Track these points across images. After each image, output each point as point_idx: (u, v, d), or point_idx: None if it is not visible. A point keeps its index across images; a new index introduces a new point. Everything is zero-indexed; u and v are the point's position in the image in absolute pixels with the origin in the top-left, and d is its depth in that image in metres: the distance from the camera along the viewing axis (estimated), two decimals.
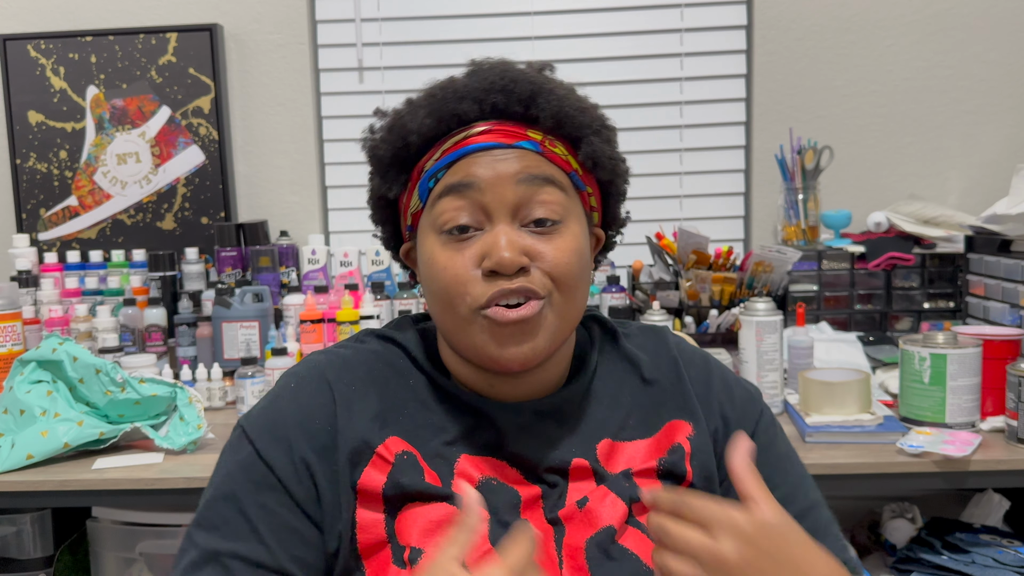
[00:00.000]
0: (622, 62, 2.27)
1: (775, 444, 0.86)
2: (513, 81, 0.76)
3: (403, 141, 0.78)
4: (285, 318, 1.96)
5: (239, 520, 0.74)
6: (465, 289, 0.74)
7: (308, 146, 2.29)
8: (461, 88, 0.77)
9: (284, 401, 0.79)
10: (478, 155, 0.75)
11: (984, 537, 1.53)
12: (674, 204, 2.29)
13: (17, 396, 1.47)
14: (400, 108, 0.80)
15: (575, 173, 0.79)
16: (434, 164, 0.77)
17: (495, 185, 0.74)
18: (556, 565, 0.74)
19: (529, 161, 0.75)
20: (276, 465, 0.75)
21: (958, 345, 1.45)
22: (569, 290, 0.76)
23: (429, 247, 0.77)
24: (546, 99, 0.76)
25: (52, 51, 2.22)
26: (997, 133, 2.21)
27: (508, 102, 0.76)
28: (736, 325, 1.74)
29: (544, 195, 0.75)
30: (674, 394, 0.84)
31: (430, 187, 0.77)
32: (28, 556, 1.64)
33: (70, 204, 2.26)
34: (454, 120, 0.76)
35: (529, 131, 0.76)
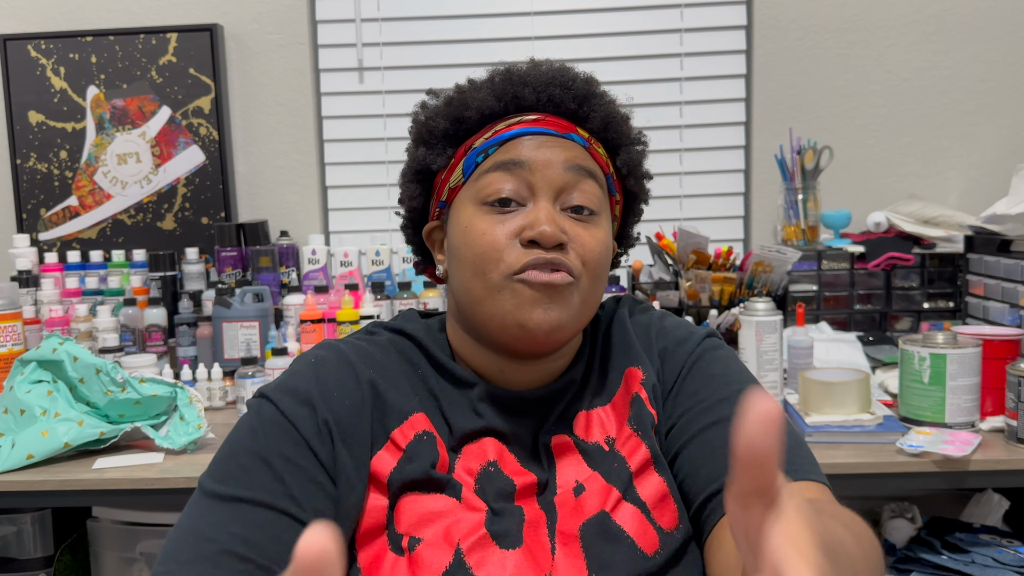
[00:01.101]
0: (622, 62, 2.27)
1: (708, 366, 0.83)
2: (572, 80, 0.81)
3: (461, 115, 0.81)
4: (285, 318, 1.96)
5: (263, 471, 0.71)
6: (501, 255, 0.77)
7: (308, 146, 2.29)
8: (524, 75, 0.81)
9: (306, 374, 0.77)
10: (530, 138, 0.79)
11: (984, 537, 1.53)
12: (674, 204, 2.29)
13: (17, 396, 1.47)
14: (462, 85, 0.84)
15: (611, 176, 0.84)
16: (484, 142, 0.81)
17: (544, 167, 0.78)
18: (548, 551, 0.75)
19: (577, 152, 0.80)
20: (300, 424, 0.73)
21: (958, 345, 1.45)
22: (595, 278, 0.80)
23: (467, 215, 0.80)
24: (598, 102, 0.82)
25: (52, 51, 2.22)
26: (997, 133, 2.21)
27: (564, 97, 0.81)
28: (736, 325, 1.74)
29: (586, 186, 0.80)
30: (623, 347, 0.87)
31: (477, 162, 0.80)
32: (28, 556, 1.64)
33: (70, 204, 2.26)
34: (512, 103, 0.81)
35: (578, 128, 0.82)
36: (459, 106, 0.81)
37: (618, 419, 0.83)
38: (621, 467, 0.79)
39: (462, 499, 0.75)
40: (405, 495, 0.75)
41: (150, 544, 1.62)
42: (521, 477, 0.78)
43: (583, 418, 0.83)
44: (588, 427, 0.83)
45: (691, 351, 0.84)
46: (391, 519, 0.75)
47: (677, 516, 0.78)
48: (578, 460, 0.81)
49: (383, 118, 2.32)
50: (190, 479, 1.38)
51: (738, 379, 0.81)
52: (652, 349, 0.86)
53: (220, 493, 0.70)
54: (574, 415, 0.83)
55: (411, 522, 0.74)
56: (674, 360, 0.84)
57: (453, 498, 0.75)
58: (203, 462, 1.43)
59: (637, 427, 0.82)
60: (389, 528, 0.75)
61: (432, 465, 0.76)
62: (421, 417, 0.78)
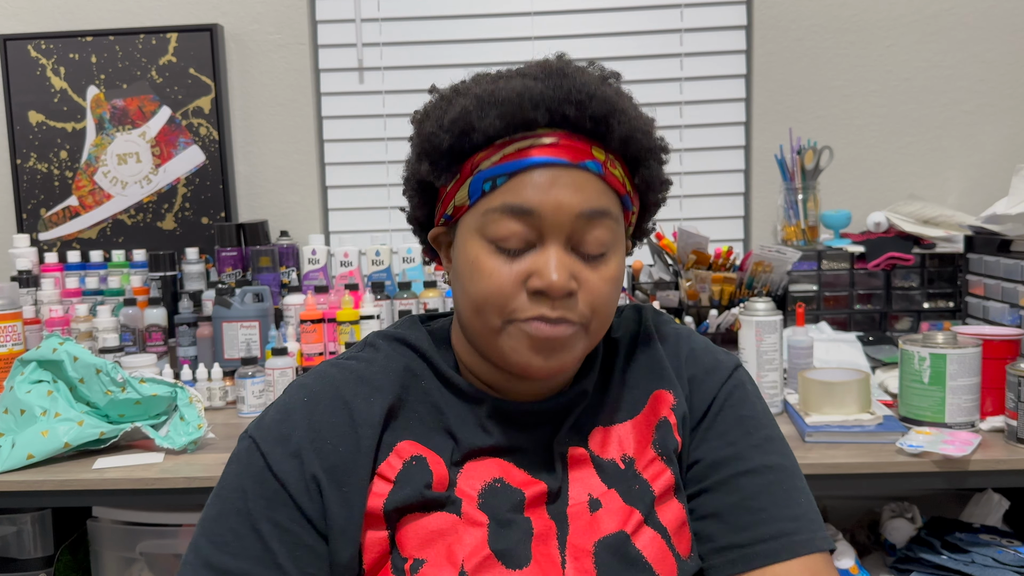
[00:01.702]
0: (622, 62, 2.27)
1: (739, 406, 0.83)
2: (589, 97, 0.74)
3: (466, 136, 0.75)
4: (285, 318, 1.96)
5: (252, 539, 0.72)
6: (506, 302, 0.73)
7: (308, 146, 2.29)
8: (537, 95, 0.73)
9: (297, 416, 0.77)
10: (540, 172, 0.73)
11: (984, 537, 1.53)
12: (674, 204, 2.29)
13: (17, 396, 1.47)
14: (466, 102, 0.75)
15: (628, 196, 0.78)
16: (492, 167, 0.74)
17: (555, 213, 0.73)
18: (559, 564, 0.74)
19: (590, 192, 0.74)
20: (288, 480, 0.73)
21: (958, 345, 1.45)
22: (604, 317, 0.77)
23: (474, 250, 0.75)
24: (618, 120, 0.75)
25: (52, 51, 2.22)
26: (997, 133, 2.21)
27: (579, 116, 0.74)
28: (736, 325, 1.74)
29: (599, 229, 0.74)
30: (652, 366, 0.85)
31: (484, 189, 0.74)
32: (28, 556, 1.64)
33: (70, 204, 2.26)
34: (522, 125, 0.74)
35: (594, 148, 0.75)
36: (463, 126, 0.75)
37: (639, 439, 0.81)
38: (644, 490, 0.78)
39: (462, 514, 0.74)
40: (404, 519, 0.74)
41: (150, 544, 1.62)
42: (531, 487, 0.77)
43: (600, 433, 0.81)
44: (605, 443, 0.81)
45: (721, 384, 0.84)
46: (394, 545, 0.74)
47: (691, 545, 0.78)
48: (592, 475, 0.79)
49: (383, 118, 2.32)
50: (190, 479, 1.38)
51: (767, 422, 0.83)
52: (682, 375, 0.84)
53: (213, 563, 0.72)
54: (591, 429, 0.82)
55: (414, 544, 0.73)
56: (703, 391, 0.83)
57: (453, 514, 0.74)
58: (203, 462, 1.43)
59: (661, 451, 0.80)
60: (393, 554, 0.74)
61: (427, 486, 0.74)
62: (406, 444, 0.77)
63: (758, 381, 1.57)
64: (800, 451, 1.39)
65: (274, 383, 1.69)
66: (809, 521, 0.77)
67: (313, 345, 1.84)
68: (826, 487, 1.51)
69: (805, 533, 0.76)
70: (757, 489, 0.77)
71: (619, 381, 0.84)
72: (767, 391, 1.57)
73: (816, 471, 1.35)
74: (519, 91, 0.73)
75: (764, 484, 0.78)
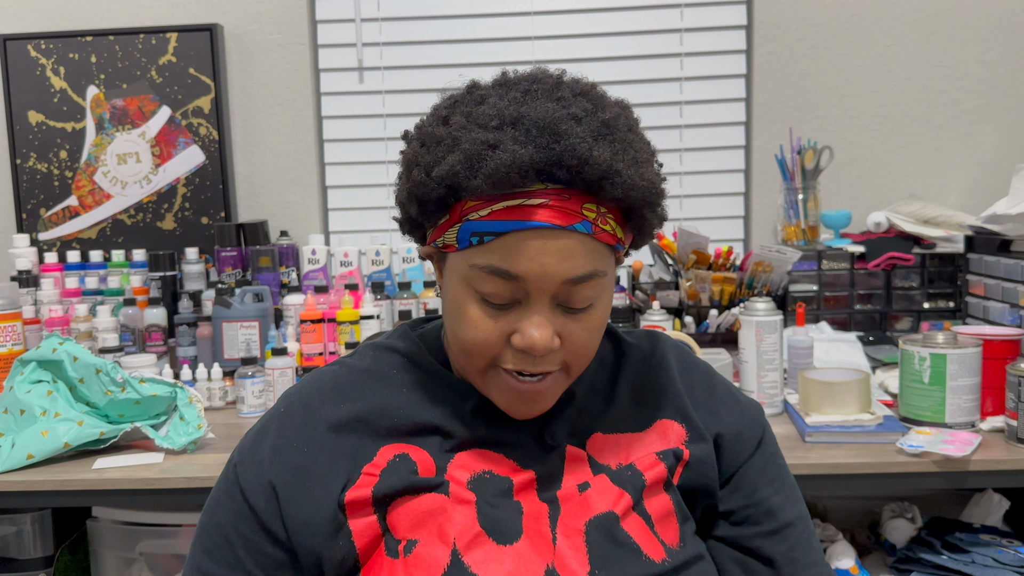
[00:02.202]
0: (622, 62, 2.27)
1: (777, 455, 0.90)
2: (582, 163, 0.70)
3: (454, 192, 0.74)
4: (285, 318, 1.96)
5: (225, 548, 0.79)
6: (490, 352, 0.76)
7: (308, 146, 2.29)
8: (526, 163, 0.70)
9: (272, 427, 0.82)
10: (528, 235, 0.72)
11: (984, 537, 1.53)
12: (674, 204, 2.29)
13: (17, 396, 1.47)
14: (454, 160, 0.72)
15: (620, 243, 0.77)
16: (480, 221, 0.73)
17: (540, 280, 0.73)
18: (550, 542, 0.75)
19: (578, 258, 0.73)
20: (249, 490, 0.78)
21: (958, 345, 1.45)
22: (585, 359, 0.79)
23: (461, 295, 0.76)
24: (612, 183, 0.72)
25: (52, 51, 2.22)
26: (997, 133, 2.21)
27: (572, 179, 0.72)
28: (736, 325, 1.74)
29: (585, 289, 0.74)
30: (667, 394, 0.86)
31: (472, 241, 0.74)
32: (28, 556, 1.64)
33: (70, 204, 2.26)
34: (512, 187, 0.72)
35: (585, 206, 0.73)
36: (451, 183, 0.73)
37: (637, 454, 0.83)
38: (635, 476, 0.80)
39: (451, 495, 0.76)
40: (395, 503, 0.76)
41: (150, 544, 1.62)
42: (519, 475, 0.79)
43: (599, 440, 0.83)
44: (603, 450, 0.82)
45: (762, 431, 0.89)
46: (386, 529, 0.76)
47: (679, 535, 0.80)
48: (586, 470, 0.81)
49: (383, 118, 2.32)
50: (190, 479, 1.38)
51: (790, 483, 0.90)
52: (719, 413, 0.87)
53: (202, 569, 0.80)
54: (589, 434, 0.83)
55: (405, 526, 0.75)
56: (744, 436, 0.87)
57: (443, 495, 0.76)
58: (203, 462, 1.43)
59: (663, 458, 0.82)
60: (386, 537, 0.76)
61: (413, 472, 0.77)
62: (389, 447, 0.79)
63: (758, 381, 1.57)
64: (800, 451, 1.39)
65: (274, 383, 1.69)
66: (825, 565, 0.88)
67: (313, 345, 1.84)
68: (826, 487, 1.51)
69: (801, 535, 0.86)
70: (798, 540, 0.86)
71: (625, 395, 0.86)
72: (767, 391, 1.57)
73: (816, 471, 1.35)
74: (508, 161, 0.70)
75: (803, 535, 0.87)
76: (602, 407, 0.85)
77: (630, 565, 0.75)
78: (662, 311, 1.77)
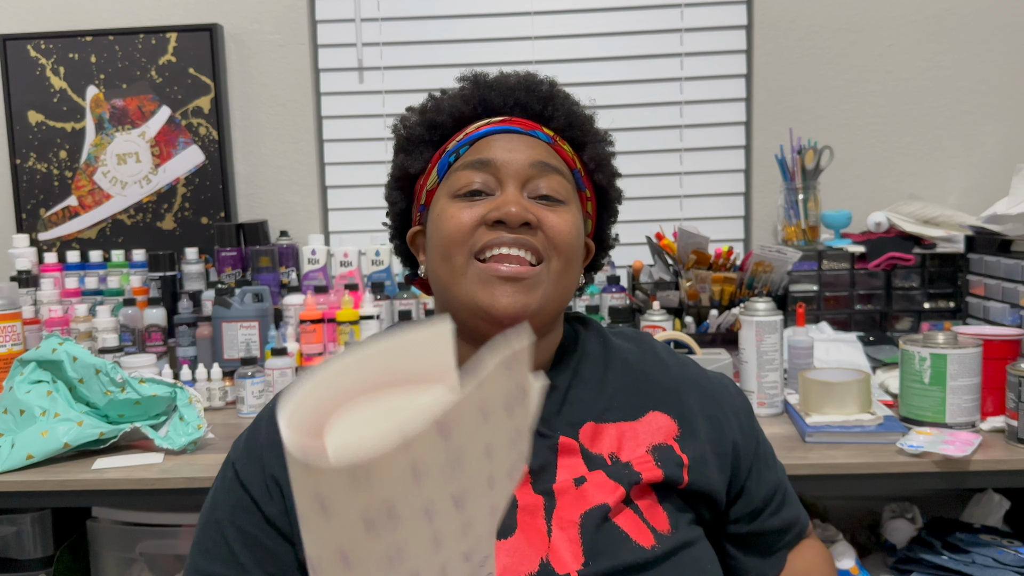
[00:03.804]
0: (622, 62, 2.27)
1: (762, 435, 0.95)
2: (536, 83, 0.88)
3: (434, 120, 0.87)
4: (285, 318, 1.96)
5: (221, 544, 0.80)
6: (466, 237, 0.80)
7: (308, 146, 2.29)
8: (492, 82, 0.88)
9: (263, 424, 0.84)
10: (497, 136, 0.85)
11: (984, 537, 1.53)
12: (674, 204, 2.29)
13: (17, 396, 1.47)
14: (435, 94, 0.90)
15: (578, 171, 0.88)
16: (456, 143, 0.86)
17: (510, 163, 0.83)
18: (544, 534, 0.76)
19: (541, 151, 0.85)
20: (250, 484, 0.80)
21: (958, 345, 1.44)
22: (566, 260, 0.83)
23: (440, 207, 0.84)
24: (561, 102, 0.88)
25: (52, 51, 2.22)
26: (997, 133, 2.21)
27: (528, 99, 0.87)
28: (736, 325, 1.74)
29: (552, 179, 0.84)
30: (658, 387, 0.88)
31: (450, 162, 0.86)
32: (28, 556, 1.64)
33: (70, 204, 2.26)
34: (481, 106, 0.87)
35: (543, 127, 0.87)
36: (432, 112, 0.88)
37: (628, 443, 0.84)
38: (630, 472, 0.81)
39: None
40: None
41: (150, 544, 1.62)
42: None
43: (591, 428, 0.84)
44: (595, 438, 0.84)
45: (751, 419, 0.94)
46: None
47: (669, 522, 0.81)
48: (579, 463, 0.82)
49: (383, 118, 2.32)
50: (190, 479, 1.38)
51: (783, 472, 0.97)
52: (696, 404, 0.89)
53: (199, 568, 0.82)
54: (582, 422, 0.84)
55: None
56: (745, 432, 0.92)
57: None
58: (203, 462, 1.43)
59: (658, 459, 0.83)
60: None
61: None
62: None
63: (758, 381, 1.57)
64: (800, 451, 1.39)
65: (273, 383, 1.69)
66: (803, 511, 0.97)
67: (313, 345, 1.84)
68: (826, 487, 1.51)
69: (804, 520, 0.96)
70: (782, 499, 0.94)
71: (616, 384, 0.87)
72: (767, 391, 1.57)
73: (816, 471, 1.35)
74: (475, 77, 0.89)
75: (790, 497, 0.95)
76: (593, 396, 0.86)
77: (620, 553, 0.77)
78: (662, 311, 1.77)
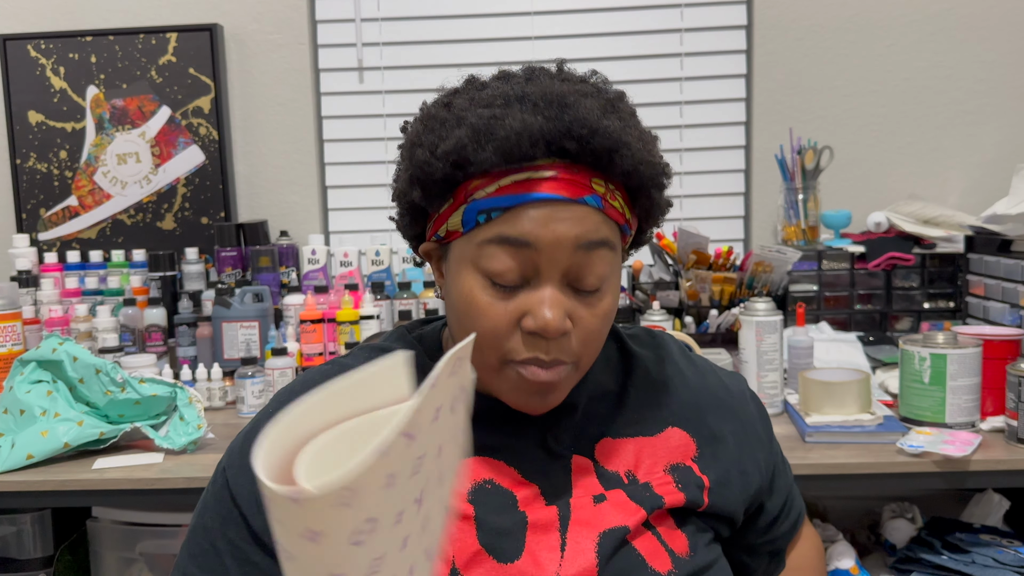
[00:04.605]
0: (622, 62, 2.27)
1: (776, 442, 0.94)
2: (592, 132, 0.70)
3: (461, 169, 0.72)
4: (285, 318, 1.96)
5: (211, 553, 0.77)
6: (501, 343, 0.72)
7: (308, 146, 2.29)
8: (536, 131, 0.69)
9: (259, 428, 0.80)
10: (538, 207, 0.70)
11: (984, 537, 1.53)
12: (674, 204, 2.29)
13: (17, 396, 1.47)
14: (461, 133, 0.71)
15: (627, 224, 0.77)
16: (488, 198, 0.71)
17: (552, 248, 0.70)
18: (558, 549, 0.74)
19: (589, 225, 0.71)
20: (239, 496, 0.76)
21: (958, 345, 1.44)
22: (594, 351, 0.77)
23: (468, 284, 0.73)
24: (621, 155, 0.71)
25: (52, 51, 2.22)
26: (997, 133, 2.21)
27: (581, 152, 0.71)
28: (736, 325, 1.74)
29: (597, 261, 0.72)
30: (677, 401, 0.85)
31: (479, 220, 0.72)
32: (28, 556, 1.64)
33: (70, 204, 2.26)
34: (521, 159, 0.71)
35: (594, 181, 0.72)
36: (458, 159, 0.71)
37: (646, 460, 0.81)
38: (652, 495, 0.78)
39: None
40: None
41: (150, 544, 1.62)
42: (521, 489, 0.77)
43: (607, 445, 0.81)
44: (611, 455, 0.80)
45: (770, 435, 0.92)
46: None
47: (688, 545, 0.78)
48: (595, 482, 0.79)
49: (383, 118, 2.32)
50: (190, 479, 1.38)
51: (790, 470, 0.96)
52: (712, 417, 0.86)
53: (187, 572, 0.79)
54: (598, 438, 0.81)
55: None
56: (765, 447, 0.90)
57: None
58: (202, 462, 1.43)
59: (679, 481, 0.80)
60: None
61: None
62: None
63: (758, 381, 1.57)
64: (800, 451, 1.39)
65: (274, 383, 1.69)
66: (801, 500, 0.96)
67: (313, 345, 1.84)
68: (826, 487, 1.51)
69: (803, 510, 0.95)
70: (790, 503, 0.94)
71: (635, 397, 0.84)
72: (767, 391, 1.57)
73: (816, 471, 1.35)
74: (518, 129, 0.69)
75: (795, 495, 0.95)
76: (611, 409, 0.82)
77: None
78: (662, 311, 1.77)
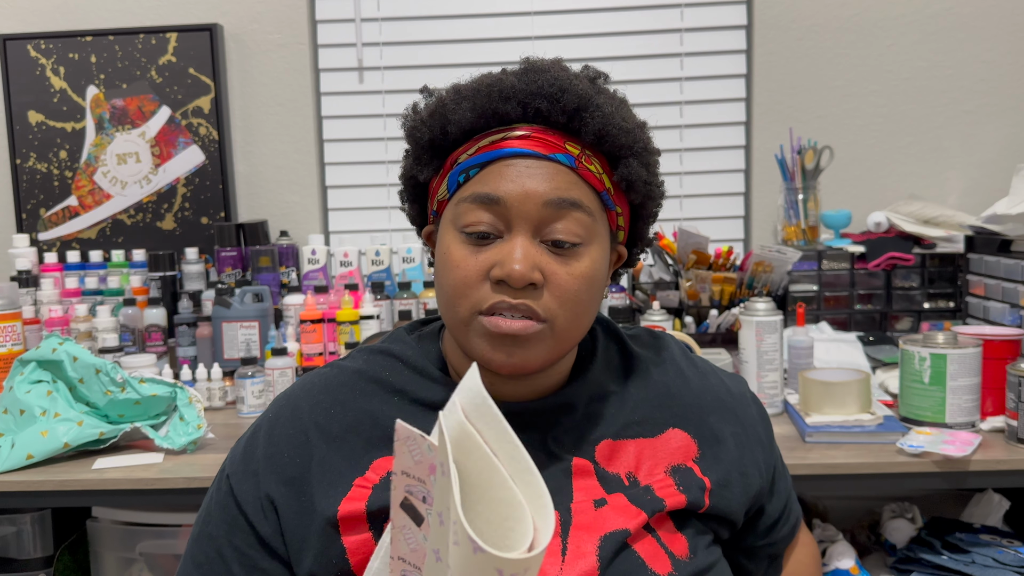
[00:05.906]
0: (622, 62, 2.27)
1: (775, 445, 0.92)
2: (562, 90, 0.74)
3: (442, 129, 0.77)
4: (285, 318, 1.96)
5: (217, 560, 0.77)
6: (470, 292, 0.74)
7: (308, 146, 2.29)
8: (508, 88, 0.75)
9: (262, 434, 0.81)
10: (511, 161, 0.74)
11: (984, 537, 1.53)
12: (674, 204, 2.29)
13: (17, 396, 1.47)
14: (445, 95, 0.78)
15: (607, 192, 0.77)
16: (467, 159, 0.76)
17: (521, 202, 0.73)
18: (559, 553, 0.74)
19: (560, 181, 0.74)
20: (245, 502, 0.77)
21: (958, 345, 1.44)
22: (574, 315, 0.75)
23: (448, 240, 0.76)
24: (591, 114, 0.74)
25: (52, 51, 2.22)
26: (997, 133, 2.21)
27: (552, 110, 0.75)
28: (736, 325, 1.74)
29: (568, 219, 0.74)
30: (679, 402, 0.84)
31: (459, 181, 0.76)
32: (28, 556, 1.64)
33: (70, 204, 2.26)
34: (495, 119, 0.76)
35: (568, 143, 0.75)
36: (440, 119, 0.77)
37: (647, 462, 0.80)
38: (653, 498, 0.78)
39: None
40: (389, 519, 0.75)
41: (150, 544, 1.62)
42: None
43: (608, 447, 0.80)
44: (612, 457, 0.80)
45: (771, 437, 0.91)
46: None
47: (688, 547, 0.78)
48: (595, 485, 0.78)
49: (383, 118, 2.32)
50: (190, 479, 1.38)
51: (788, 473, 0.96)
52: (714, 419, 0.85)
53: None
54: (599, 440, 0.80)
55: None
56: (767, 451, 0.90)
57: None
58: (203, 462, 1.43)
59: (680, 483, 0.80)
60: None
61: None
62: (383, 460, 0.77)
63: (758, 381, 1.57)
64: (800, 451, 1.39)
65: (274, 383, 1.69)
66: (790, 512, 0.94)
67: (313, 345, 1.84)
68: (826, 487, 1.51)
69: (800, 513, 0.96)
70: (788, 507, 0.93)
71: (636, 398, 0.83)
72: (767, 391, 1.57)
73: (816, 471, 1.35)
74: (490, 83, 0.76)
75: (793, 499, 0.95)
76: (613, 411, 0.82)
77: None
78: (662, 311, 1.77)
